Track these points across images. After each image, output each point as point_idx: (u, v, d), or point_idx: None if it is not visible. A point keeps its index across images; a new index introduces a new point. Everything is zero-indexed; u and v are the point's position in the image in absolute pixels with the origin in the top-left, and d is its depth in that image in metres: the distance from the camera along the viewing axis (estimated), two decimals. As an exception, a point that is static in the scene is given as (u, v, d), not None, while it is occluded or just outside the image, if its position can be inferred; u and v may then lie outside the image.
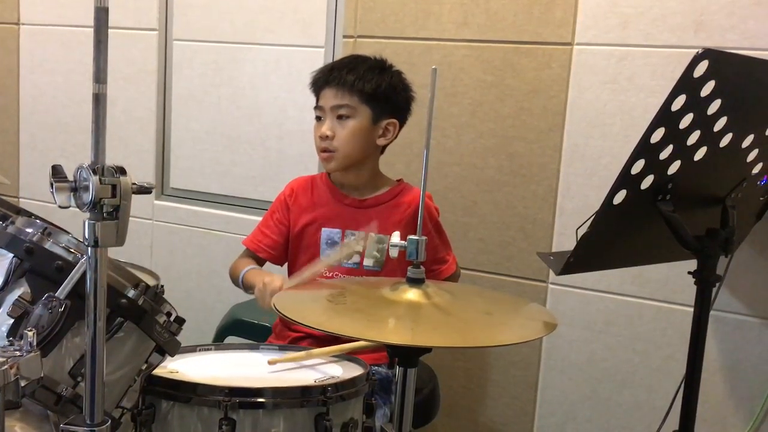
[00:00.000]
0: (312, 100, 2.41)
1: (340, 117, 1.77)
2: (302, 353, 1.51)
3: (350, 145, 1.76)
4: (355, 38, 2.33)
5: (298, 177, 1.96)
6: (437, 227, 1.88)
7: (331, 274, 1.81)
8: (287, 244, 1.88)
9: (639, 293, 2.06)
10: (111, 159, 0.93)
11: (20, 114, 2.94)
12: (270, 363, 1.47)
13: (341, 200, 1.85)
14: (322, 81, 1.81)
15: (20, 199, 2.93)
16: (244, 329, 2.18)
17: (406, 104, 1.84)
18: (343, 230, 1.83)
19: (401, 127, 1.84)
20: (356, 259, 1.81)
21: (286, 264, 1.93)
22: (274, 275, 1.69)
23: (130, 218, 0.96)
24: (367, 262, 1.80)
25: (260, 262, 1.91)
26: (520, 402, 2.23)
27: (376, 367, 1.68)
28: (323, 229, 1.84)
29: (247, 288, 1.81)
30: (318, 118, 1.82)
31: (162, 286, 1.44)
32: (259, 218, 2.48)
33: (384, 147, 1.86)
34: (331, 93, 1.78)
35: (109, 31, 0.93)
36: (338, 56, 2.35)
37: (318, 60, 2.40)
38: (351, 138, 1.76)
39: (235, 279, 1.87)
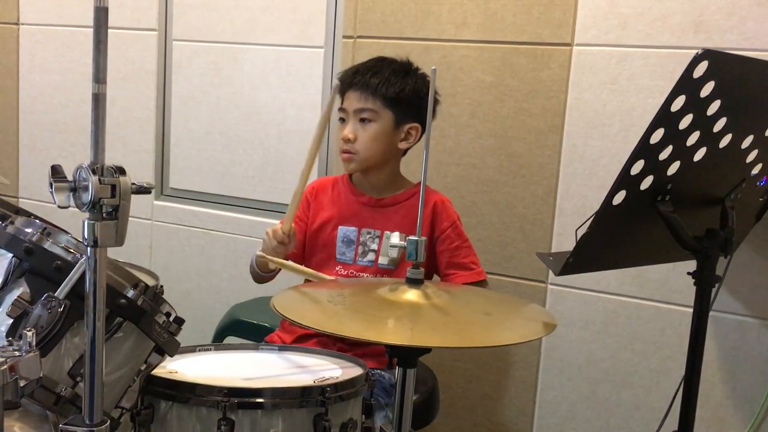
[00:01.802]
0: (312, 100, 2.43)
1: (362, 120, 1.78)
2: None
3: (371, 149, 1.78)
4: (355, 38, 2.33)
5: (321, 177, 1.97)
6: (457, 231, 1.86)
7: (345, 272, 1.82)
8: (305, 240, 1.89)
9: (638, 294, 2.06)
10: (110, 159, 0.94)
11: (20, 114, 2.94)
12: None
13: (358, 199, 1.86)
14: (346, 83, 1.82)
15: (20, 199, 2.93)
16: (243, 329, 2.18)
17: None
18: (359, 228, 1.83)
19: (424, 131, 1.84)
20: (371, 257, 1.81)
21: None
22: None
23: (130, 218, 0.96)
24: (382, 260, 1.80)
25: None
26: (520, 402, 2.23)
27: (380, 371, 1.68)
28: (340, 227, 1.84)
29: (260, 265, 1.80)
30: (341, 120, 1.83)
31: (161, 286, 1.44)
32: (259, 218, 2.51)
33: (405, 150, 1.86)
34: (355, 96, 1.79)
35: (109, 31, 0.93)
36: (338, 56, 2.35)
37: (317, 60, 2.41)
38: (372, 141, 1.78)
39: (253, 272, 1.87)
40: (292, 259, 1.88)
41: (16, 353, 0.99)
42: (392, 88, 1.77)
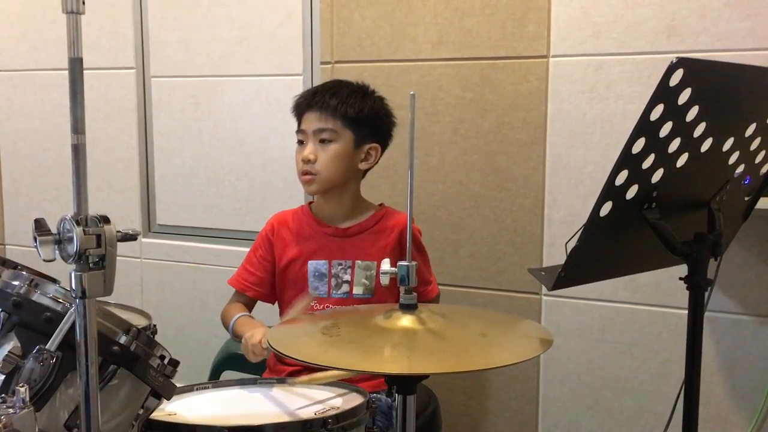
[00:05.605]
0: (294, 126, 2.43)
1: (322, 141, 1.77)
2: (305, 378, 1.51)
3: (332, 169, 1.76)
4: (333, 64, 2.33)
5: (278, 212, 1.94)
6: (420, 249, 1.89)
7: (321, 306, 1.80)
8: (273, 279, 1.87)
9: (632, 299, 2.06)
10: (95, 200, 0.93)
11: (1, 160, 2.93)
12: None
13: (325, 231, 1.83)
14: (304, 105, 1.81)
15: (6, 246, 2.91)
16: (240, 363, 2.14)
17: (388, 129, 1.84)
18: (330, 261, 1.81)
19: (383, 152, 1.84)
20: (345, 288, 1.80)
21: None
22: (255, 329, 1.68)
23: (118, 258, 0.95)
24: (357, 290, 1.79)
25: (251, 302, 1.89)
26: (522, 416, 2.22)
27: (376, 395, 1.67)
28: (309, 262, 1.82)
29: (237, 338, 1.79)
30: (300, 142, 1.82)
31: (154, 325, 1.43)
32: (248, 249, 2.49)
33: (365, 171, 1.86)
34: (314, 117, 1.78)
35: (86, 71, 0.93)
36: (317, 83, 2.35)
37: (297, 88, 2.40)
38: (333, 162, 1.76)
39: (226, 327, 1.85)
40: (263, 299, 1.88)
41: (10, 410, 0.98)
42: (351, 109, 1.76)
